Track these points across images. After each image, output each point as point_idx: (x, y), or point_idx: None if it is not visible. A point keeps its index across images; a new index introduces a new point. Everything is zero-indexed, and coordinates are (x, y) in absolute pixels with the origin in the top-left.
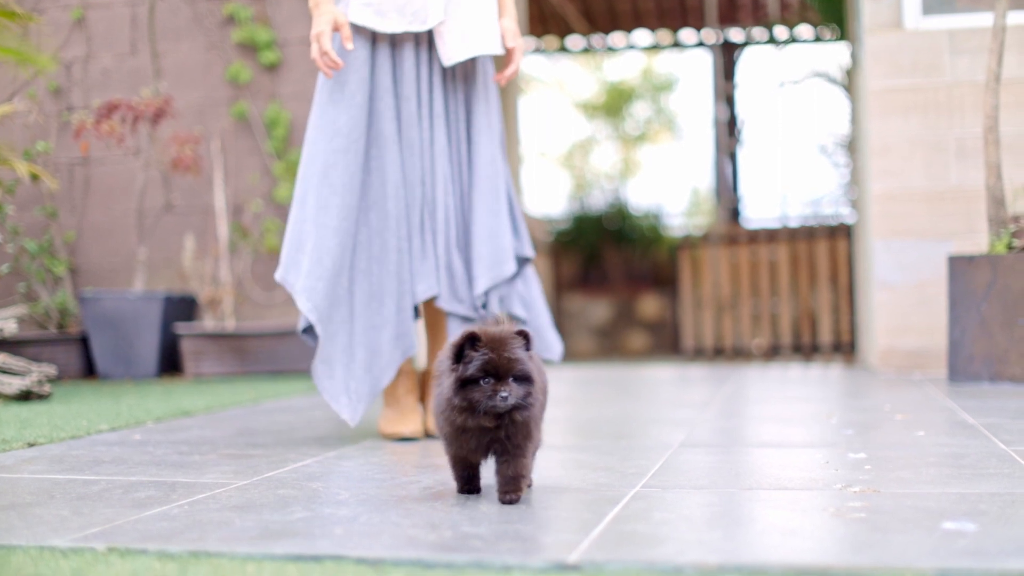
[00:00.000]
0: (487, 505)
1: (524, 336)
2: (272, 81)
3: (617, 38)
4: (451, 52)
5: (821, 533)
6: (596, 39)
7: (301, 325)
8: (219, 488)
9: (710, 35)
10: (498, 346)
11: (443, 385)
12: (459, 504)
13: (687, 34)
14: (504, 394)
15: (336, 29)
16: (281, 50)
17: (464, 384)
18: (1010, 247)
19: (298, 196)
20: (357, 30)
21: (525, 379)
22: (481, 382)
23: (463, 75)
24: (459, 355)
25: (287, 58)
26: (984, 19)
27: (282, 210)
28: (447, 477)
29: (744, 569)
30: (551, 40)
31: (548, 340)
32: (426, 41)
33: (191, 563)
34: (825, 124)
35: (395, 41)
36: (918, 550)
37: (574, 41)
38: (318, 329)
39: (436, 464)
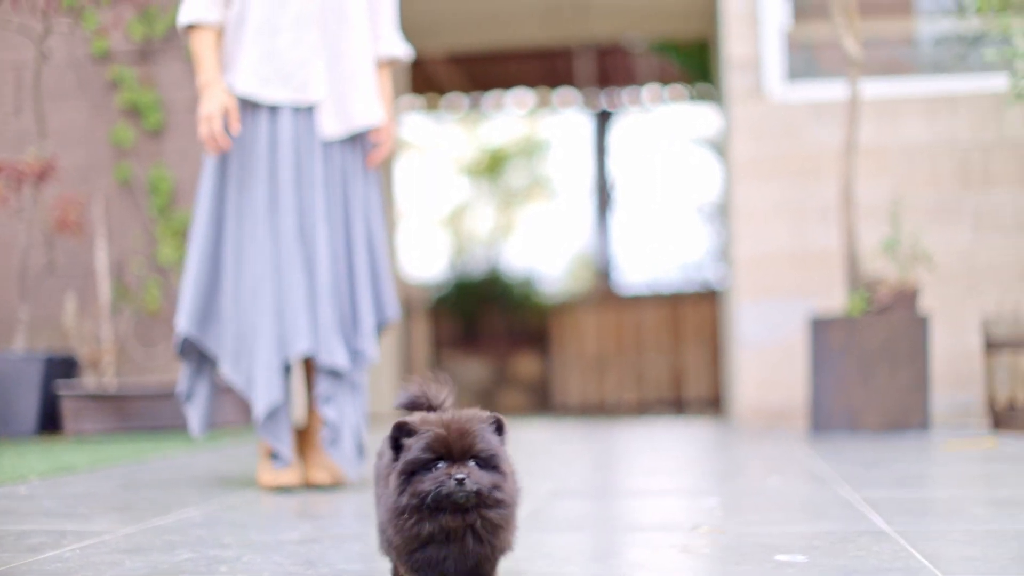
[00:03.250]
0: (360, 545)
1: (496, 422)
2: (156, 143)
3: (495, 96)
4: (331, 127)
5: (668, 566)
6: (475, 96)
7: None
8: (107, 535)
9: (588, 98)
10: (449, 423)
11: (388, 489)
12: (335, 547)
13: (565, 95)
14: (460, 476)
15: (225, 113)
16: (166, 112)
17: (410, 476)
18: (867, 307)
19: (214, 277)
20: (242, 101)
21: (491, 464)
22: (431, 468)
23: (341, 142)
24: (397, 444)
25: (172, 121)
26: (845, 89)
27: (164, 271)
28: (326, 524)
29: None
30: (431, 97)
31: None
32: (305, 107)
33: None
34: (700, 187)
35: (273, 106)
36: None
37: (453, 99)
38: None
39: (315, 513)
